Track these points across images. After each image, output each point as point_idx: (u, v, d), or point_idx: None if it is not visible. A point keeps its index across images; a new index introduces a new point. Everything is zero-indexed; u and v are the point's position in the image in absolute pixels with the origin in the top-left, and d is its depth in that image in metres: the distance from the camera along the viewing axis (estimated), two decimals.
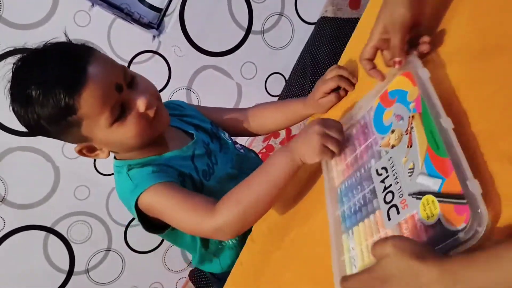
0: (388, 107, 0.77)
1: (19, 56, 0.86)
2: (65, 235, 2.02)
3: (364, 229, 0.73)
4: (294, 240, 0.88)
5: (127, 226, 2.15)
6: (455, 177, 0.59)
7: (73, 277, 2.08)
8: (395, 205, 0.69)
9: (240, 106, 2.26)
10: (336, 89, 0.97)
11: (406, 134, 0.70)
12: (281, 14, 2.25)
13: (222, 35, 2.14)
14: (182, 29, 2.04)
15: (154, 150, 0.97)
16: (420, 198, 0.64)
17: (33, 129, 0.87)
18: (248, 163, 1.11)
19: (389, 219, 0.68)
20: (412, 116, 0.70)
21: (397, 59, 0.74)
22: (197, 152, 1.02)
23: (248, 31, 2.19)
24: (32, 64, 0.84)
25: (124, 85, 0.86)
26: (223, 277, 1.13)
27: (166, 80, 2.06)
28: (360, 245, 0.72)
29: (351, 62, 1.00)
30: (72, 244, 2.05)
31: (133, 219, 2.11)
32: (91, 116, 0.83)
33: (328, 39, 2.12)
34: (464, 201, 0.56)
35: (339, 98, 0.97)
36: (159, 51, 2.01)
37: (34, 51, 0.86)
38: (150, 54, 1.99)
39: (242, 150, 1.15)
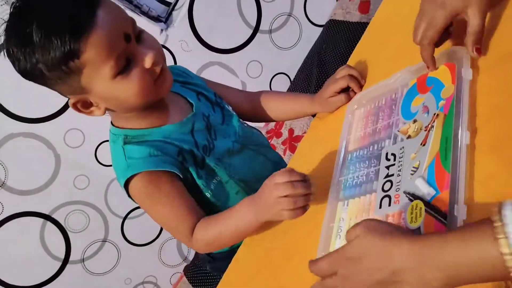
0: (421, 94, 0.77)
1: None
2: (63, 224, 2.02)
3: (358, 205, 0.76)
4: (292, 237, 0.88)
5: (124, 218, 2.15)
6: (447, 195, 0.60)
7: (68, 266, 2.07)
8: (389, 196, 0.71)
9: None
10: (345, 90, 0.97)
11: (425, 130, 0.71)
12: (289, 15, 2.26)
13: (230, 32, 2.15)
14: (190, 24, 2.04)
15: (153, 119, 0.94)
16: (412, 200, 0.65)
17: (28, 74, 0.80)
18: (251, 139, 1.09)
19: (380, 207, 0.71)
20: (437, 115, 0.70)
21: (478, 46, 0.67)
22: (197, 125, 0.98)
23: (256, 29, 2.20)
24: (34, 2, 0.78)
25: (132, 37, 0.82)
26: (217, 256, 1.15)
27: None
28: (350, 219, 0.76)
29: (359, 65, 1.00)
30: (69, 232, 2.04)
31: (131, 211, 2.13)
32: (94, 63, 0.78)
33: (336, 42, 2.12)
34: (445, 222, 0.58)
35: (348, 99, 0.97)
36: (166, 45, 2.01)
37: None
38: None
39: (245, 125, 1.12)
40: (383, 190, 0.72)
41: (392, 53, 0.94)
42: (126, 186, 0.91)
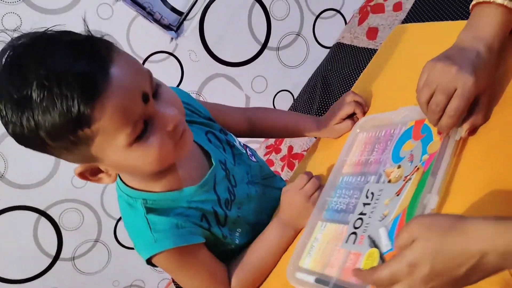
0: (413, 140, 0.78)
1: (15, 39, 0.64)
2: (57, 220, 2.04)
3: (332, 232, 0.79)
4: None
5: (118, 220, 2.16)
6: None
7: (58, 262, 2.08)
8: (355, 234, 0.73)
9: None
10: (351, 115, 0.98)
11: (403, 181, 0.72)
12: (298, 34, 2.29)
13: (238, 46, 2.18)
14: (200, 35, 2.07)
15: (171, 179, 0.83)
16: (371, 247, 0.67)
17: (25, 141, 0.66)
18: (260, 173, 1.04)
19: (346, 241, 0.73)
20: (418, 168, 0.71)
21: (441, 131, 0.70)
22: (218, 178, 0.89)
23: (264, 46, 2.23)
24: (35, 54, 0.62)
25: (150, 95, 0.69)
26: None
27: (177, 83, 2.09)
28: (322, 242, 0.78)
29: (364, 91, 1.02)
30: (62, 230, 2.06)
31: None
32: (108, 131, 0.64)
33: (341, 65, 2.15)
34: None
35: (353, 125, 0.97)
36: (175, 53, 2.04)
37: (34, 36, 0.64)
38: (165, 55, 2.03)
39: (253, 158, 1.05)
40: (354, 226, 0.75)
41: (397, 84, 0.96)
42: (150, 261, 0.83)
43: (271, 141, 2.26)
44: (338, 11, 2.35)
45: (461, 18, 1.54)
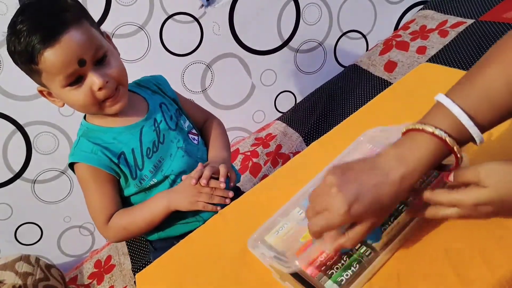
0: None
1: None
2: (31, 139, 2.01)
3: (305, 221, 0.78)
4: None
5: None
6: None
7: (18, 181, 2.06)
8: None
9: (244, 106, 2.31)
10: None
11: None
12: (320, 44, 2.31)
13: (261, 35, 2.19)
14: (229, 11, 2.08)
15: (111, 120, 1.11)
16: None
17: (11, 57, 0.97)
18: (197, 153, 1.24)
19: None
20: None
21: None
22: (145, 129, 1.14)
23: (285, 43, 2.24)
24: (32, 6, 0.95)
25: (89, 62, 0.96)
26: (159, 246, 1.23)
27: (192, 49, 2.09)
28: (292, 227, 0.82)
29: (372, 111, 1.04)
30: (33, 150, 2.03)
31: None
32: (48, 73, 0.95)
33: (352, 86, 2.18)
34: None
35: None
36: (200, 20, 2.04)
37: None
38: (190, 19, 2.03)
39: (195, 141, 1.25)
40: None
41: (408, 115, 0.97)
42: (71, 167, 1.12)
43: (262, 134, 2.28)
44: (364, 36, 2.38)
45: None
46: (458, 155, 0.62)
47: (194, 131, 1.27)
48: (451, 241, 0.69)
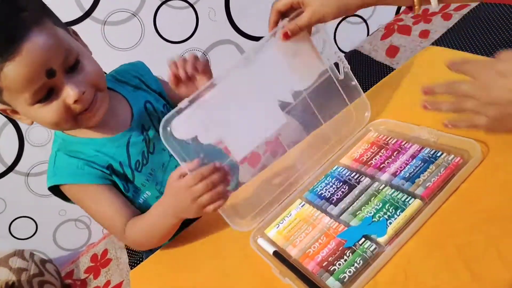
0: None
1: None
2: (23, 132, 1.96)
3: (307, 214, 0.81)
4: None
5: None
6: None
7: (11, 174, 2.01)
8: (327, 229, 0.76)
9: None
10: None
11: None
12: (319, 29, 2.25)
13: (259, 21, 2.12)
14: None
15: (91, 130, 0.94)
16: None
17: None
18: None
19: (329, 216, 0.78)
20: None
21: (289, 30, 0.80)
22: (133, 139, 0.98)
23: None
24: None
25: (59, 71, 0.78)
26: None
27: (187, 36, 2.03)
28: (294, 219, 0.81)
29: (380, 95, 1.00)
30: (26, 143, 1.98)
31: None
32: (11, 90, 0.76)
33: (353, 72, 2.13)
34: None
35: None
36: (195, 6, 1.98)
37: None
38: (185, 4, 1.97)
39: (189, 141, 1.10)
40: (329, 216, 0.78)
41: (416, 99, 0.94)
42: (53, 188, 0.95)
43: None
44: (365, 21, 2.32)
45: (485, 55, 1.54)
46: None
47: None
48: (462, 235, 0.64)
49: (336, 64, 0.90)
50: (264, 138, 0.83)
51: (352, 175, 0.83)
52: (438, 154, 0.76)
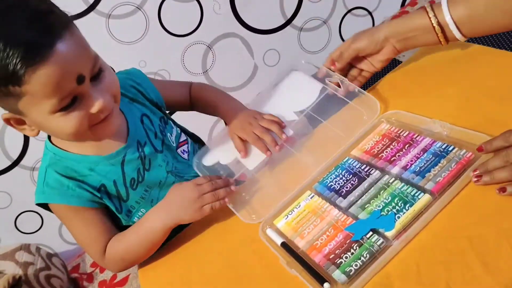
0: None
1: None
2: None
3: (316, 206, 0.81)
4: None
5: None
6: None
7: (16, 168, 2.02)
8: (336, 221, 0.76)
9: (247, 88, 2.25)
10: None
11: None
12: (324, 22, 2.24)
13: (264, 14, 2.12)
14: None
15: (86, 146, 0.91)
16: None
17: None
18: (188, 171, 1.07)
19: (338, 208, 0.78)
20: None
21: (336, 63, 1.01)
22: (128, 157, 0.95)
23: (288, 22, 2.18)
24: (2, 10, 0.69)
25: (87, 78, 0.75)
26: None
27: (192, 29, 2.02)
28: (303, 211, 0.82)
29: (393, 83, 1.00)
30: (31, 137, 1.97)
31: None
32: (36, 96, 0.71)
33: None
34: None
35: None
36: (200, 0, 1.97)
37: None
38: None
39: (185, 155, 1.09)
40: (338, 208, 0.78)
41: (428, 91, 0.93)
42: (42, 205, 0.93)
43: None
44: (370, 13, 2.31)
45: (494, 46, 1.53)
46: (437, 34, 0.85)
47: (182, 138, 1.11)
48: (474, 228, 0.63)
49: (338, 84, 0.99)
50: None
51: (362, 168, 0.82)
52: (450, 149, 0.75)
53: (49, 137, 0.92)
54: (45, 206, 0.92)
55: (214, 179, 0.90)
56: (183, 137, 1.11)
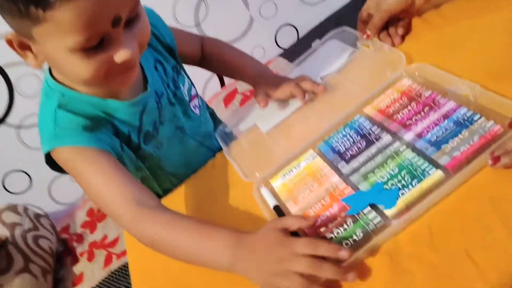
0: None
1: None
2: (13, 82, 1.88)
3: (316, 167, 0.76)
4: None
5: None
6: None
7: (1, 126, 1.95)
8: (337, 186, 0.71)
9: (242, 42, 2.18)
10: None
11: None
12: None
13: None
14: None
15: (97, 88, 0.79)
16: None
17: None
18: (199, 129, 1.00)
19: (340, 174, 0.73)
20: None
21: (368, 32, 0.91)
22: (149, 107, 0.87)
23: None
24: None
25: (123, 21, 0.66)
26: None
27: None
28: (302, 172, 0.77)
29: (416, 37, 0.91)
30: (15, 93, 1.91)
31: None
32: (60, 27, 0.61)
33: None
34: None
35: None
36: None
37: None
38: None
39: (197, 110, 1.01)
40: (338, 174, 0.73)
41: (452, 45, 0.83)
42: (49, 155, 0.78)
43: None
44: None
45: None
46: None
47: (193, 91, 1.02)
48: (495, 190, 0.57)
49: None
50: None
51: (373, 129, 0.76)
52: (475, 118, 0.66)
53: (50, 72, 0.80)
54: (54, 165, 0.79)
55: (322, 252, 0.58)
56: (194, 91, 1.02)
